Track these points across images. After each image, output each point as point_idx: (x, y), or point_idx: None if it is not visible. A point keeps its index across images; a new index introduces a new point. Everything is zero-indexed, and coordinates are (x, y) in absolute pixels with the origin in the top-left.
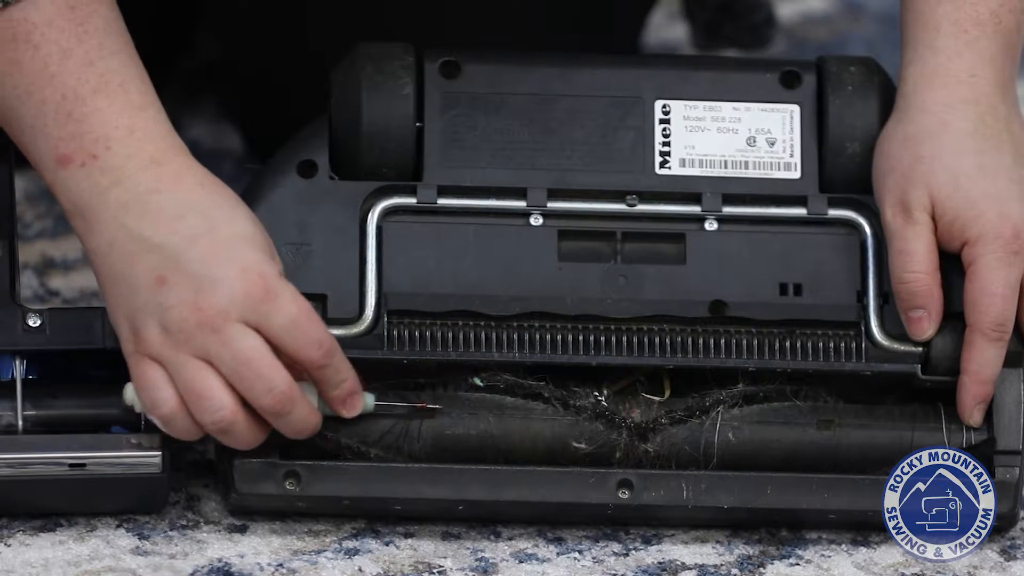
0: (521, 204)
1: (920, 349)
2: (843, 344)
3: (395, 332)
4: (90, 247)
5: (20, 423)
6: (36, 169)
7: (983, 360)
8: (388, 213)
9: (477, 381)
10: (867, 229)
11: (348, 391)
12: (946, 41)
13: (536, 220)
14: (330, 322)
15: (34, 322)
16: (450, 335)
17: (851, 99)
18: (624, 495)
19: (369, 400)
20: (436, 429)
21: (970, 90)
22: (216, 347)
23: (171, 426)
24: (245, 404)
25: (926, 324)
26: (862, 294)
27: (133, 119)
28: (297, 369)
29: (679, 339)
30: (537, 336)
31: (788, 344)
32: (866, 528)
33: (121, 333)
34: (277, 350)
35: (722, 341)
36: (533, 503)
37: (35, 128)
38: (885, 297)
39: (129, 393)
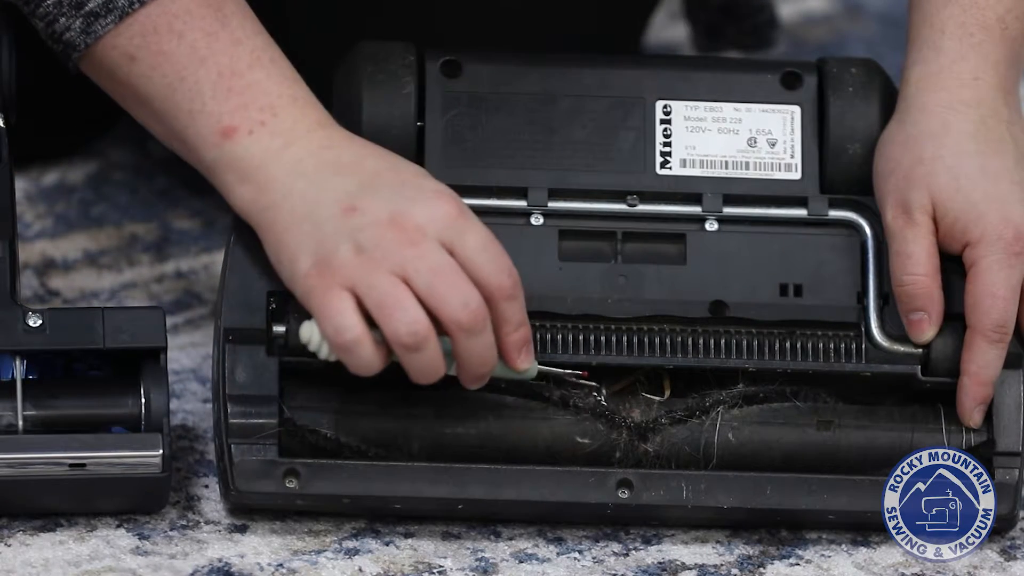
0: (522, 204)
1: (920, 350)
2: (843, 345)
3: None
4: (260, 206)
5: (20, 423)
6: (192, 155)
7: (983, 362)
8: None
9: None
10: (867, 230)
11: (525, 337)
12: (951, 43)
13: (537, 220)
14: None
15: (34, 322)
16: None
17: (852, 100)
18: (624, 495)
19: (535, 364)
20: (435, 428)
21: (973, 92)
22: (413, 260)
23: (354, 354)
24: None
25: (926, 326)
26: (862, 295)
27: (292, 88)
28: None
29: (679, 339)
30: (537, 335)
31: (788, 345)
32: (865, 529)
33: (298, 271)
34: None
35: (722, 341)
36: (533, 502)
37: (192, 111)
38: (885, 298)
39: (306, 330)
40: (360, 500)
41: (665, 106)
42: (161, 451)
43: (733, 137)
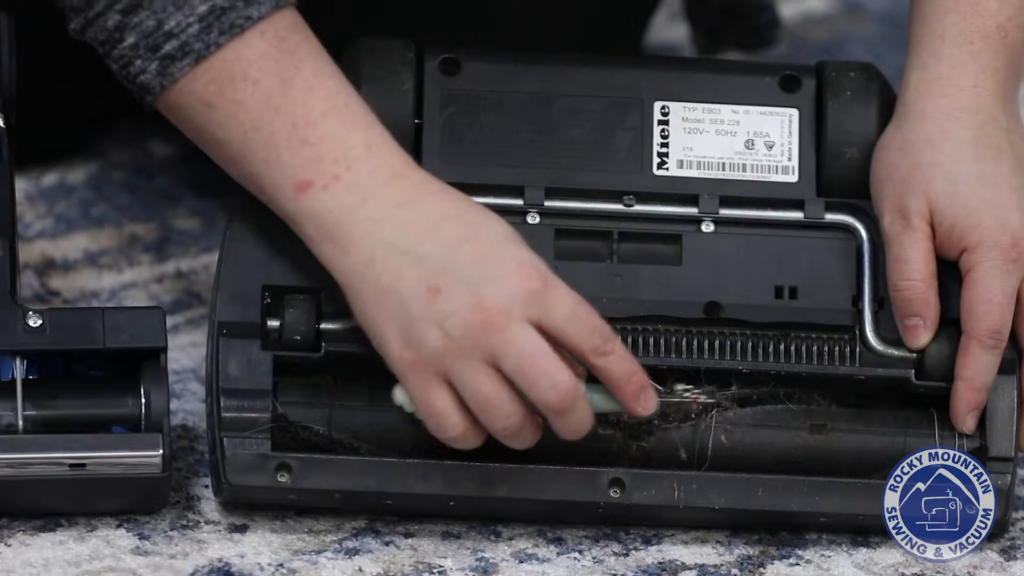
0: (518, 202)
1: (914, 354)
2: (837, 348)
3: None
4: (344, 268)
5: (20, 423)
6: (272, 203)
7: (978, 367)
8: None
9: None
10: (863, 234)
11: (640, 384)
12: (951, 50)
13: (533, 218)
14: (325, 317)
15: (34, 322)
16: None
17: (850, 104)
18: (615, 494)
19: (656, 404)
20: None
21: (971, 99)
22: (501, 346)
23: (458, 443)
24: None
25: (921, 332)
26: (857, 298)
27: (367, 135)
28: (576, 369)
29: (673, 339)
30: None
31: (782, 347)
32: (857, 532)
33: (390, 345)
34: (557, 345)
35: (716, 342)
36: (525, 500)
37: (268, 161)
38: (880, 302)
39: (399, 395)
40: (352, 496)
41: (663, 107)
42: (161, 451)
43: (730, 139)
